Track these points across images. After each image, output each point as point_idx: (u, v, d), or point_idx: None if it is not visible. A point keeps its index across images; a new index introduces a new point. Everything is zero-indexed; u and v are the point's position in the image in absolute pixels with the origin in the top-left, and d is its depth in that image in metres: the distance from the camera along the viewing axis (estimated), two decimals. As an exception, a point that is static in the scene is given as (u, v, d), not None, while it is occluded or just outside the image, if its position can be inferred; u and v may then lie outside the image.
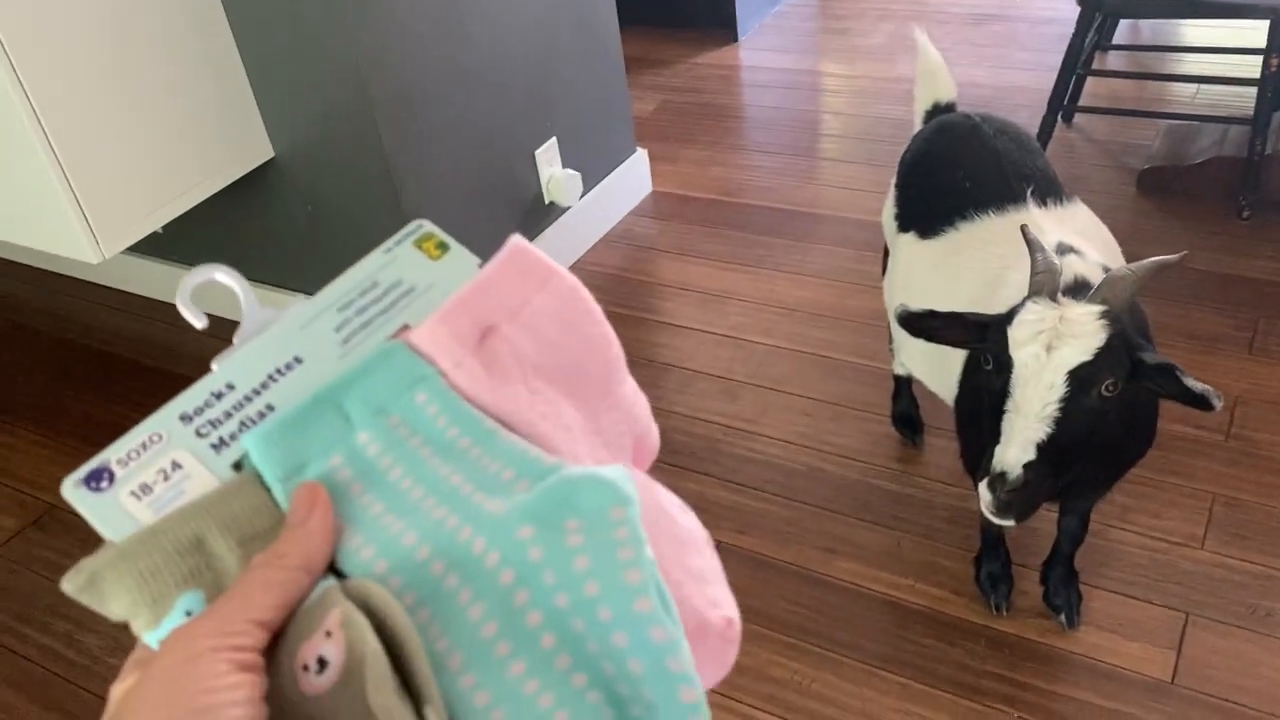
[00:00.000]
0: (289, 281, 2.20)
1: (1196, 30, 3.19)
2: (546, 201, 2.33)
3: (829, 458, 1.84)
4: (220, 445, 0.40)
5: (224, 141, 1.89)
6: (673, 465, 1.84)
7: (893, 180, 1.61)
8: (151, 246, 2.32)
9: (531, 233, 2.31)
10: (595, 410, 0.45)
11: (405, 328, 0.43)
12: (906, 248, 1.50)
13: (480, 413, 0.41)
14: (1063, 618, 1.48)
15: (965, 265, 1.36)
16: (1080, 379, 1.06)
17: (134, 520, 0.38)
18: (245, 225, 2.16)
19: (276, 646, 0.36)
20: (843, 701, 1.43)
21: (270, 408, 0.41)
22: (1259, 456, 1.73)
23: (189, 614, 0.36)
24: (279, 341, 0.43)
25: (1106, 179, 2.53)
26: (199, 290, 0.45)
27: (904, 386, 1.81)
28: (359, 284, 0.44)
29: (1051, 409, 1.06)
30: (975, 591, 1.55)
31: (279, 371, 0.42)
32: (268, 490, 0.39)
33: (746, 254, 2.43)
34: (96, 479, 0.39)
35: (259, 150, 1.96)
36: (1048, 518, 1.53)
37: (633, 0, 3.35)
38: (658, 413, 1.91)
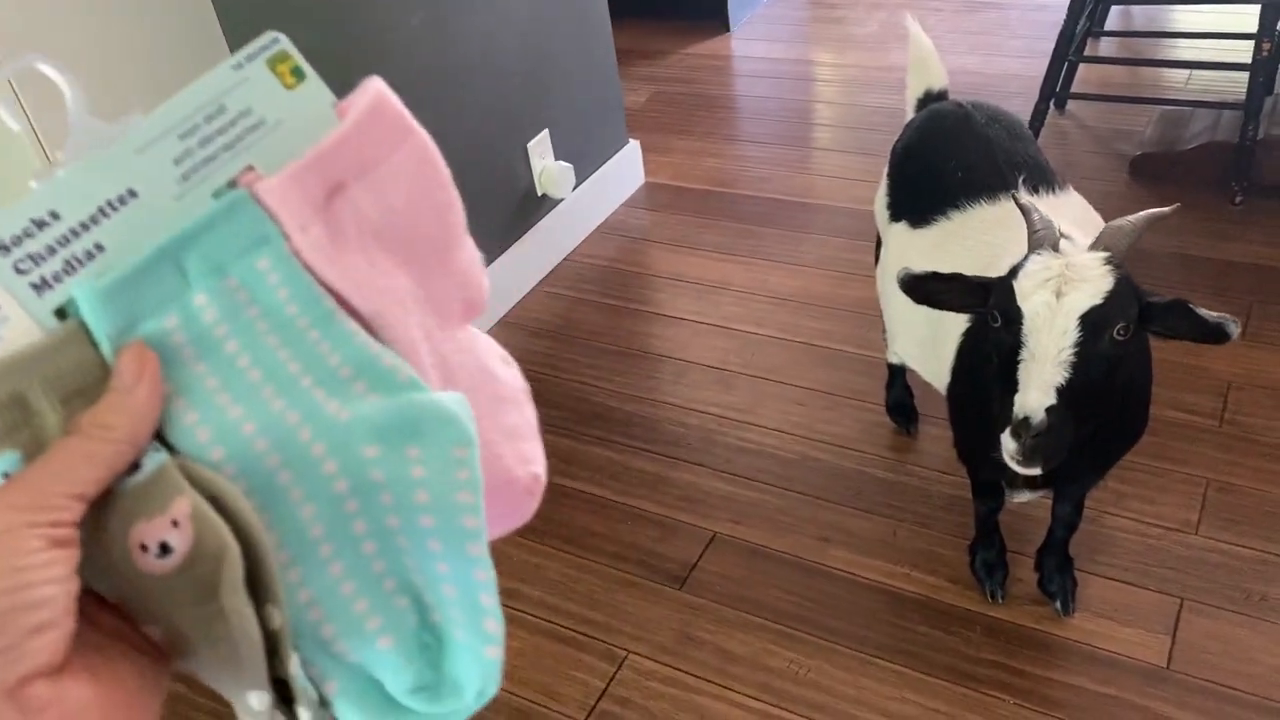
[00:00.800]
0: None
1: (1188, 15, 3.19)
2: (539, 194, 2.32)
3: (823, 447, 1.84)
4: (42, 286, 0.36)
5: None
6: (667, 456, 1.84)
7: (885, 169, 1.61)
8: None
9: (525, 225, 2.30)
10: (429, 276, 0.44)
11: (249, 169, 0.40)
12: (898, 237, 1.50)
13: (320, 289, 0.39)
14: (1058, 604, 1.49)
15: (957, 254, 1.35)
16: (1092, 323, 1.05)
17: None
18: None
19: (100, 508, 0.35)
20: (838, 690, 1.43)
21: (99, 247, 0.37)
22: (1253, 441, 1.73)
23: (5, 475, 0.35)
24: (112, 167, 0.38)
25: (1099, 165, 2.53)
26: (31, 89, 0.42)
27: (898, 375, 1.81)
28: (204, 106, 0.40)
29: (1067, 354, 1.05)
30: (971, 579, 1.55)
31: (110, 206, 0.37)
32: (94, 344, 0.36)
33: (740, 244, 2.42)
34: None
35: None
36: (1042, 505, 1.53)
37: (624, -9, 3.35)
38: (652, 403, 1.90)
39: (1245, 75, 2.26)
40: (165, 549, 0.34)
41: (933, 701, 1.41)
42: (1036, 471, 1.09)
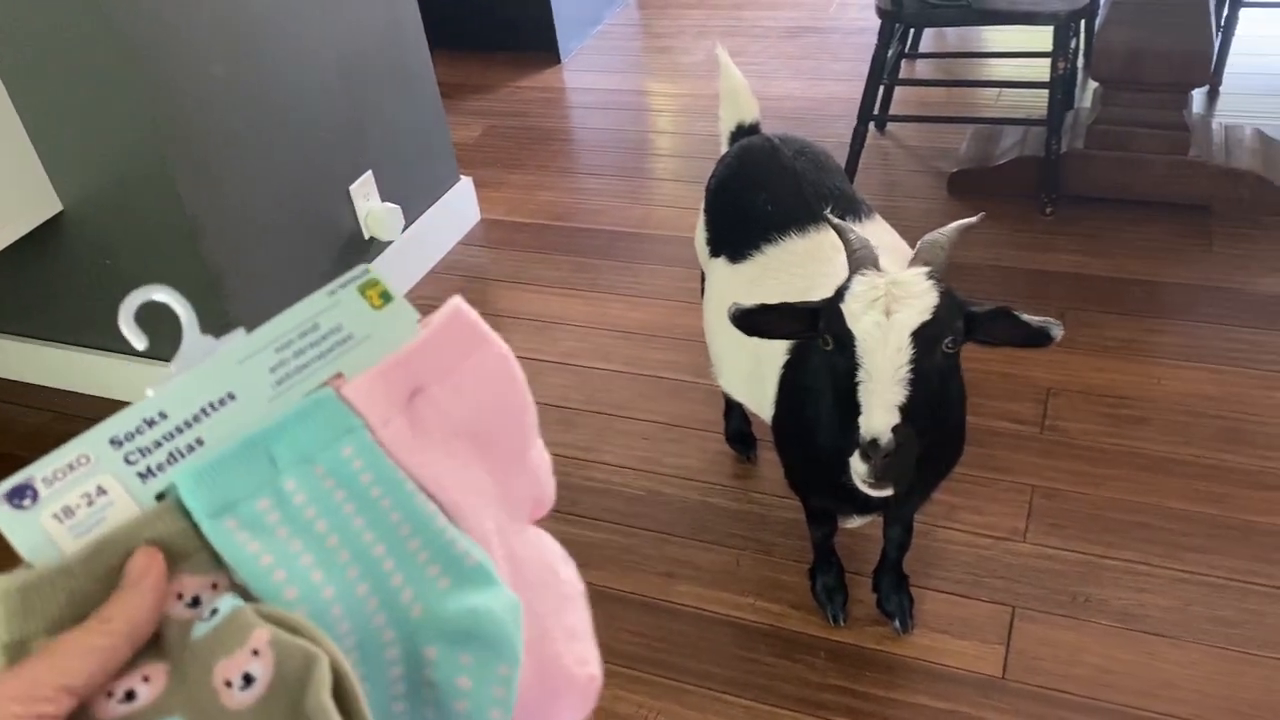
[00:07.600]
0: (86, 338, 2.07)
1: (998, 35, 3.34)
2: (366, 237, 2.26)
3: (668, 480, 1.83)
4: (147, 475, 0.41)
5: (2, 198, 1.76)
6: (510, 502, 1.80)
7: (701, 206, 1.62)
8: (-64, 311, 2.15)
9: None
10: (505, 474, 0.47)
11: (339, 375, 0.44)
12: (719, 272, 1.50)
13: (402, 473, 0.43)
14: (896, 623, 1.51)
15: (773, 288, 1.36)
16: (924, 339, 1.06)
17: (52, 543, 0.39)
18: (38, 280, 2.03)
19: (177, 664, 0.37)
20: (689, 731, 1.42)
21: (200, 442, 0.42)
22: (1073, 445, 1.81)
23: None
24: (214, 375, 0.43)
25: (920, 183, 2.62)
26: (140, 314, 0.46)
27: (735, 404, 1.82)
28: (299, 325, 0.45)
29: (904, 372, 1.05)
30: (813, 604, 1.57)
31: (212, 406, 0.42)
32: (191, 521, 0.40)
33: (579, 278, 2.41)
34: (19, 495, 0.39)
35: (44, 205, 1.83)
36: (877, 525, 1.55)
37: (453, 24, 3.31)
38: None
39: (1046, 92, 2.37)
40: (248, 680, 0.36)
41: (781, 733, 1.41)
42: (888, 492, 1.09)
